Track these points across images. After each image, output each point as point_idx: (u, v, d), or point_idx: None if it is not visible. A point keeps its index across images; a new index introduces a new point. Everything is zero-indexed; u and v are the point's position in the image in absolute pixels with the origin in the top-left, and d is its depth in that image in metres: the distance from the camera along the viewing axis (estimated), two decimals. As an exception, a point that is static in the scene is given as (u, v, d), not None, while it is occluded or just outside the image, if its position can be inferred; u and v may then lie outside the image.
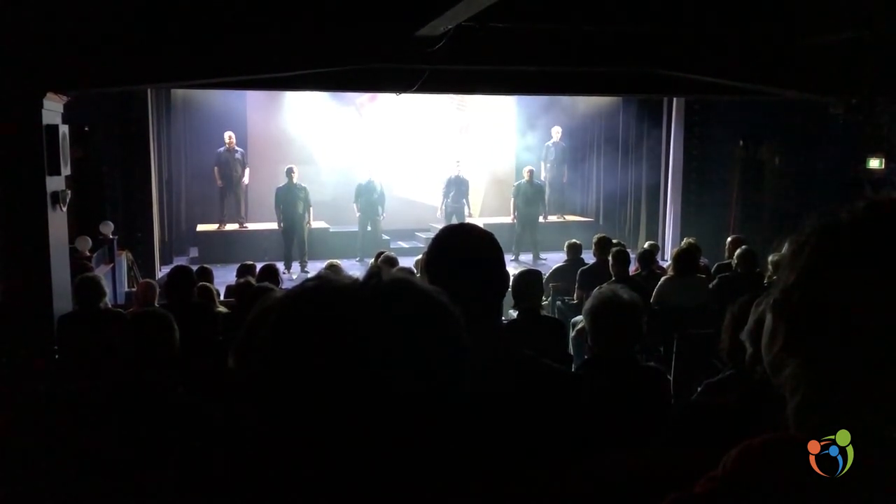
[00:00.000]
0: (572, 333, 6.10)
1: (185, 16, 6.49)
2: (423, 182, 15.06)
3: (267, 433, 0.83)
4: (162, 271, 11.12)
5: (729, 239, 8.89)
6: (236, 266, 8.41)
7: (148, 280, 7.63)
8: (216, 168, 12.81)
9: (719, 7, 7.07)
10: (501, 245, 1.78)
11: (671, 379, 4.76)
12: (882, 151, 8.88)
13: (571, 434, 1.66)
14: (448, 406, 0.84)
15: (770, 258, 6.70)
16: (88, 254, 8.85)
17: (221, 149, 12.78)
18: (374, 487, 0.81)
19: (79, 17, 6.15)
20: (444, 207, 13.38)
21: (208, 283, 7.15)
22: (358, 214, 12.82)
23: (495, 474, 1.39)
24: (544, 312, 5.97)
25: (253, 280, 6.49)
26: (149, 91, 11.11)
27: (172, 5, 6.42)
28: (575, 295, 7.24)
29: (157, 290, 6.69)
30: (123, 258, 10.30)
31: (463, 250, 1.72)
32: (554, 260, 11.36)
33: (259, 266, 7.59)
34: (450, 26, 6.50)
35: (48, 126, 6.27)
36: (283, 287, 6.05)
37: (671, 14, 7.14)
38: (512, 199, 13.37)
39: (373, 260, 8.56)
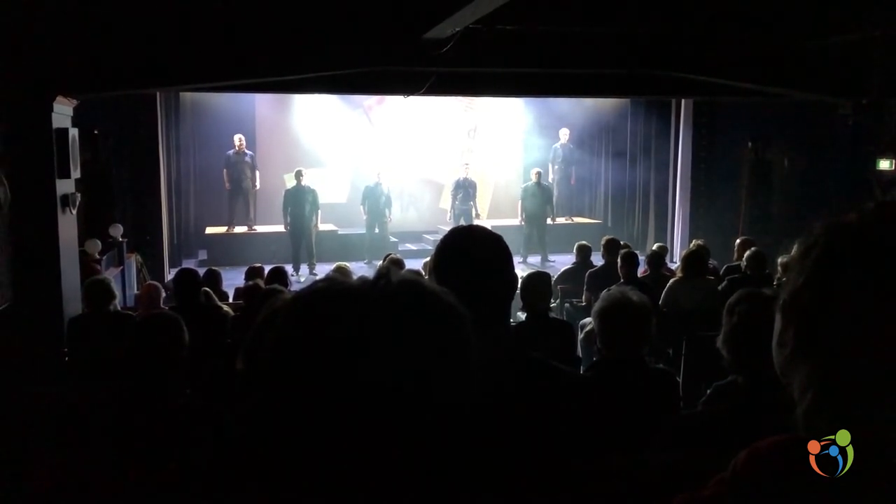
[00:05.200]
0: (581, 336, 6.09)
1: (194, 19, 6.52)
2: (432, 184, 15.09)
3: (276, 435, 0.83)
4: (171, 274, 11.15)
5: (738, 241, 8.86)
6: (245, 269, 8.43)
7: (152, 282, 7.64)
8: (225, 171, 12.85)
9: (728, 8, 7.05)
10: (510, 247, 1.78)
11: (680, 381, 4.75)
12: (892, 153, 8.84)
13: (580, 436, 1.66)
14: (456, 408, 0.84)
15: (779, 260, 6.68)
16: (98, 256, 8.87)
17: (231, 152, 12.81)
18: (382, 489, 0.81)
19: (88, 21, 6.18)
20: (452, 209, 13.39)
21: (217, 286, 7.16)
22: (365, 217, 12.84)
23: (504, 476, 1.39)
24: (553, 315, 5.97)
25: (261, 283, 6.50)
26: (158, 94, 11.15)
27: (181, 9, 6.45)
28: (583, 297, 7.23)
29: (162, 290, 6.71)
30: (133, 261, 10.33)
31: (471, 252, 1.72)
32: (562, 262, 11.35)
33: (268, 269, 7.61)
34: (457, 29, 6.51)
35: (58, 129, 6.31)
36: (292, 289, 6.06)
37: (680, 16, 7.13)
38: (520, 201, 13.37)
39: (381, 262, 8.57)
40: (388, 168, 13.61)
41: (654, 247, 8.93)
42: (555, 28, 7.44)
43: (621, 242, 7.94)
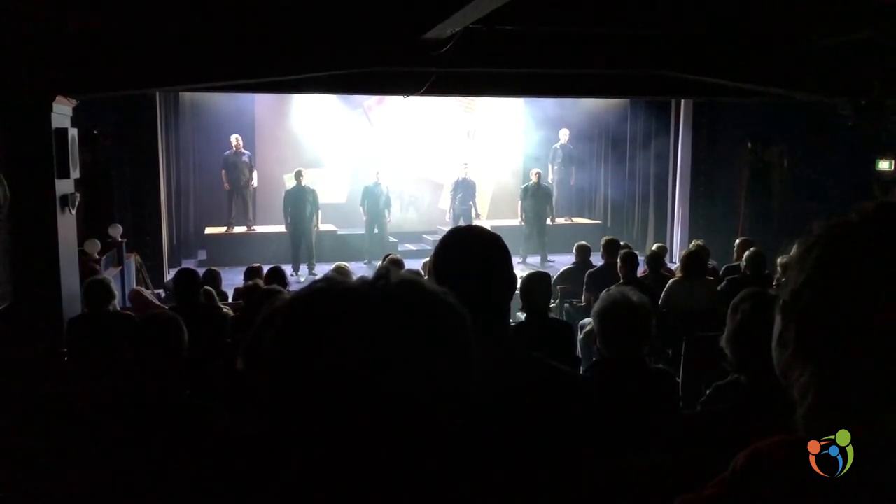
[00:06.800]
0: (580, 336, 6.10)
1: (194, 19, 6.52)
2: (431, 184, 15.09)
3: (275, 434, 0.83)
4: (170, 274, 11.15)
5: (737, 241, 8.86)
6: (244, 269, 8.44)
7: (134, 288, 7.74)
8: (223, 171, 12.85)
9: (727, 9, 7.05)
10: (509, 247, 1.78)
11: (679, 381, 4.76)
12: (891, 153, 8.84)
13: (580, 437, 1.65)
14: (455, 408, 0.84)
15: (779, 260, 6.67)
16: (97, 256, 8.87)
17: (228, 152, 12.81)
18: (381, 489, 0.81)
19: (88, 21, 6.18)
20: (451, 210, 13.39)
21: (216, 286, 7.17)
22: (364, 217, 12.84)
23: (502, 476, 1.39)
24: (552, 315, 5.97)
25: (261, 282, 6.50)
26: (157, 94, 11.15)
27: (181, 9, 6.45)
28: (583, 297, 7.23)
29: (151, 293, 6.77)
30: (132, 261, 10.33)
31: (470, 252, 1.72)
32: (562, 262, 11.35)
33: (267, 269, 7.61)
34: (457, 29, 6.50)
35: (57, 129, 6.31)
36: (291, 289, 6.05)
37: (679, 16, 7.12)
38: (519, 202, 13.37)
39: (380, 262, 8.57)
40: (388, 168, 13.61)
41: (654, 247, 8.94)
42: (555, 28, 7.43)
43: (621, 243, 7.94)
